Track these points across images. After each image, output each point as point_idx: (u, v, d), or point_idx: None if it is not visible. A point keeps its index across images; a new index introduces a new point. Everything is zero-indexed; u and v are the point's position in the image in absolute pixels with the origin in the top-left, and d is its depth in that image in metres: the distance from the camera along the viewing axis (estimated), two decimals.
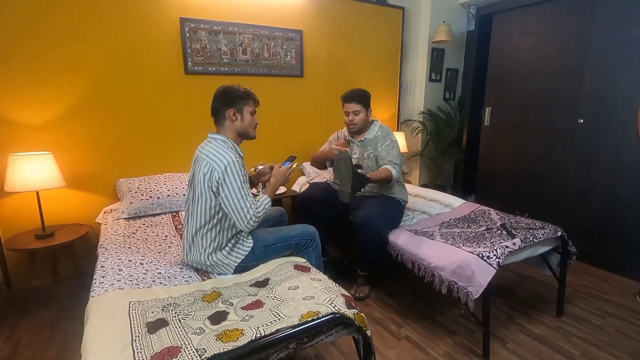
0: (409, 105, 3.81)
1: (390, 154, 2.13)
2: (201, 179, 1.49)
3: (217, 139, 1.57)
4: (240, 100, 1.58)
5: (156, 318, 1.18)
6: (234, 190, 1.46)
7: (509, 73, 3.06)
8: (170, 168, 2.56)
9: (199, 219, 1.53)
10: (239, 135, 1.62)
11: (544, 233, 1.79)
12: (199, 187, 1.51)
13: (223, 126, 1.59)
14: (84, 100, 2.25)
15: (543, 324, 1.90)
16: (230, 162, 1.46)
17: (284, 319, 1.14)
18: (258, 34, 2.73)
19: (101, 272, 1.49)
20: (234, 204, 1.47)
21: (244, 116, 1.59)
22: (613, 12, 2.37)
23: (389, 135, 2.19)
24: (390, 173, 2.05)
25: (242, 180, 1.48)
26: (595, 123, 2.51)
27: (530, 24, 2.87)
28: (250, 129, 1.63)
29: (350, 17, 3.14)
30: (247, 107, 1.60)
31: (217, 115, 1.59)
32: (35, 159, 1.98)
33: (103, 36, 2.24)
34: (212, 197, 1.50)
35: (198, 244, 1.54)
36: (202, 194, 1.50)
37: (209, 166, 1.47)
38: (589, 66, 2.52)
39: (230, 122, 1.58)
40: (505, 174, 3.17)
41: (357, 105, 2.14)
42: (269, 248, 1.63)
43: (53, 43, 2.11)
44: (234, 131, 1.60)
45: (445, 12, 3.60)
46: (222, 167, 1.45)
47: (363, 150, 2.23)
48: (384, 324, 1.91)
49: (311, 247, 1.75)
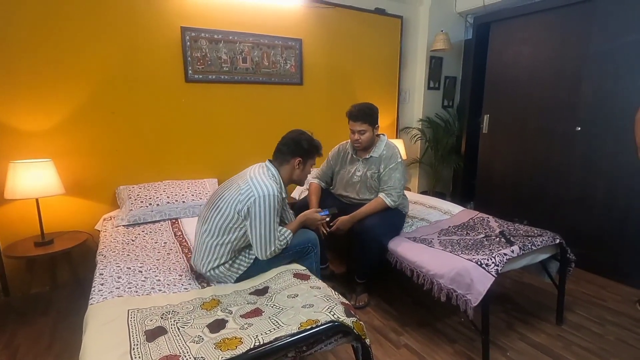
0: (408, 113, 3.83)
1: (392, 177, 2.08)
2: (234, 195, 1.51)
3: (271, 170, 1.61)
4: (310, 154, 1.67)
5: (155, 326, 1.18)
6: (264, 220, 1.49)
7: (506, 81, 3.09)
8: (170, 175, 2.56)
9: (214, 229, 1.52)
10: (290, 180, 1.69)
11: (542, 240, 1.80)
12: (228, 201, 1.51)
13: (282, 165, 1.65)
14: (84, 108, 2.26)
15: (543, 332, 1.89)
16: (270, 195, 1.49)
17: (283, 327, 1.14)
18: (258, 43, 2.76)
19: (100, 280, 1.50)
20: (260, 234, 1.50)
21: (305, 168, 1.69)
22: (610, 20, 2.40)
23: (394, 157, 2.11)
24: (384, 205, 2.05)
25: (274, 214, 1.51)
26: (594, 130, 2.53)
27: (527, 33, 2.91)
28: (303, 179, 1.73)
29: (350, 26, 3.18)
30: (311, 161, 1.70)
31: (280, 156, 1.65)
32: (35, 166, 1.99)
33: (104, 45, 2.26)
34: (235, 217, 1.50)
35: (203, 252, 1.54)
36: (227, 210, 1.50)
37: (248, 190, 1.49)
38: (586, 73, 2.55)
39: (291, 169, 1.66)
40: (504, 181, 3.18)
41: (364, 124, 2.05)
42: (273, 258, 1.62)
43: (55, 51, 2.14)
44: (289, 175, 1.67)
45: (443, 21, 3.64)
46: (260, 195, 1.48)
47: (367, 168, 2.16)
48: (384, 332, 1.90)
49: (312, 253, 1.76)
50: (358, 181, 2.19)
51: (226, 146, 2.77)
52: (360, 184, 2.19)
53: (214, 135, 2.72)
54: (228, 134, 2.77)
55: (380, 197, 2.08)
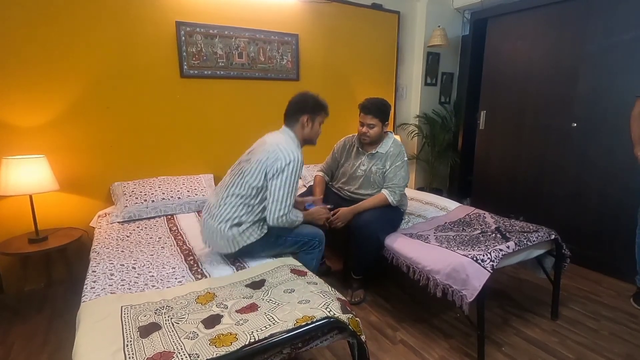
0: (405, 109, 3.83)
1: (397, 175, 2.09)
2: (262, 159, 1.59)
3: (289, 134, 1.71)
4: (316, 110, 1.73)
5: (149, 322, 1.17)
6: (286, 183, 1.57)
7: (503, 77, 3.09)
8: (165, 171, 2.55)
9: (240, 187, 1.62)
10: (304, 140, 1.76)
11: (537, 236, 1.80)
12: (255, 165, 1.60)
13: (292, 127, 1.73)
14: (79, 103, 2.24)
15: (538, 327, 1.90)
16: (296, 160, 1.59)
17: (279, 323, 1.13)
18: (254, 38, 2.74)
19: (92, 277, 1.48)
20: (278, 195, 1.57)
21: (314, 125, 1.75)
22: (606, 16, 2.40)
23: (401, 155, 2.13)
24: (386, 202, 2.07)
25: (295, 180, 1.60)
26: (590, 126, 2.54)
27: (524, 29, 2.90)
28: (315, 137, 1.79)
29: (346, 22, 3.16)
30: (319, 118, 1.76)
31: (290, 117, 1.74)
32: (28, 162, 1.97)
33: (98, 39, 2.23)
34: (262, 179, 1.59)
35: (224, 208, 1.62)
36: (255, 172, 1.60)
37: (276, 155, 1.58)
38: (582, 70, 2.55)
39: (301, 127, 1.73)
40: (501, 177, 3.19)
41: (374, 119, 2.06)
42: (280, 239, 1.68)
43: (49, 46, 2.11)
44: (301, 135, 1.74)
45: (440, 16, 3.63)
46: (287, 160, 1.57)
47: (372, 163, 2.16)
48: (380, 327, 1.91)
49: (317, 249, 1.78)
50: (362, 175, 2.18)
51: (222, 142, 2.76)
52: (363, 178, 2.18)
53: (209, 131, 2.70)
54: (224, 129, 2.75)
55: (383, 194, 2.08)
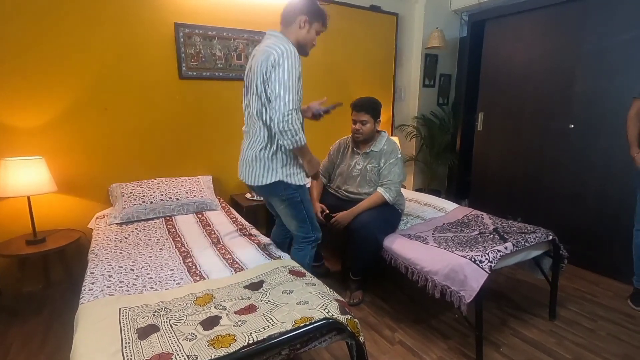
0: (403, 110, 3.84)
1: (392, 172, 2.12)
2: (258, 63, 1.51)
3: (277, 35, 1.58)
4: (315, 14, 1.63)
5: (147, 324, 1.17)
6: (285, 77, 1.45)
7: (501, 79, 3.10)
8: (164, 173, 2.54)
9: (258, 112, 1.58)
10: (297, 44, 1.62)
11: (535, 237, 1.81)
12: (257, 73, 1.52)
13: (288, 28, 1.62)
14: (77, 105, 2.24)
15: (536, 328, 1.91)
16: (289, 52, 1.47)
17: (277, 324, 1.13)
18: (253, 39, 2.74)
19: (90, 279, 1.48)
20: (278, 90, 1.45)
21: (310, 30, 1.64)
22: (602, 18, 2.42)
23: (395, 152, 2.16)
24: (383, 200, 2.08)
25: (295, 75, 1.47)
26: (587, 127, 2.55)
27: (521, 31, 2.91)
28: (309, 43, 1.68)
29: (345, 23, 3.17)
30: (316, 24, 1.65)
31: (286, 17, 1.62)
32: (26, 163, 1.97)
33: (98, 41, 2.23)
34: (263, 81, 1.51)
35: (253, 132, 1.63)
36: (259, 86, 1.53)
37: (266, 53, 1.48)
38: (579, 71, 2.56)
39: (297, 29, 1.61)
40: (499, 178, 3.20)
41: (366, 115, 2.12)
42: (297, 197, 1.68)
43: (47, 47, 2.10)
44: (295, 38, 1.61)
45: (438, 18, 3.64)
46: (279, 52, 1.46)
47: (367, 162, 2.19)
48: (378, 328, 1.91)
49: (309, 245, 1.78)
50: (358, 174, 2.20)
51: (220, 142, 2.76)
52: (360, 177, 2.20)
53: (208, 132, 2.71)
54: (222, 130, 2.75)
55: (379, 192, 2.10)
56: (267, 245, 1.83)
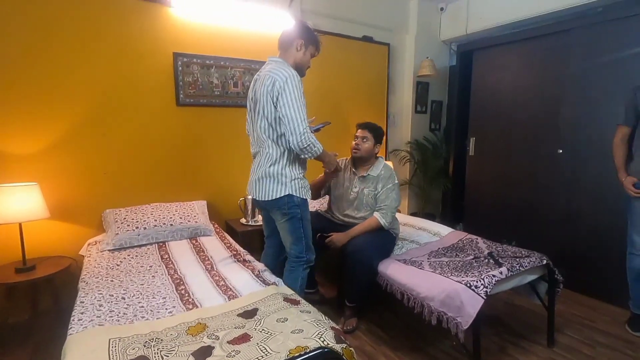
0: (397, 136, 3.91)
1: (389, 197, 2.15)
2: (264, 90, 1.64)
3: (277, 61, 1.74)
4: (310, 39, 1.78)
5: (137, 355, 1.13)
6: (292, 100, 1.60)
7: (490, 105, 3.20)
8: (158, 198, 2.53)
9: (265, 132, 1.72)
10: (295, 65, 1.76)
11: (529, 261, 1.81)
12: (264, 98, 1.65)
13: (286, 52, 1.77)
14: (74, 131, 2.25)
15: (535, 355, 1.88)
16: (292, 76, 1.61)
17: (272, 354, 1.11)
18: (249, 68, 2.82)
19: (80, 309, 1.44)
20: (290, 114, 1.60)
21: (306, 52, 1.79)
22: (585, 49, 2.53)
23: (392, 178, 2.20)
24: (379, 224, 2.10)
25: (300, 95, 1.62)
26: (575, 152, 2.61)
27: (508, 60, 3.04)
28: (305, 65, 1.83)
29: (338, 52, 3.28)
30: (311, 47, 1.80)
31: (284, 42, 1.78)
32: (19, 190, 1.95)
33: (97, 69, 2.28)
34: (272, 105, 1.64)
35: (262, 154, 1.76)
36: (266, 108, 1.66)
37: (271, 79, 1.62)
38: (565, 99, 2.66)
39: (295, 51, 1.76)
40: (492, 202, 3.23)
41: (368, 133, 2.20)
42: (299, 214, 1.75)
43: (46, 74, 2.14)
44: (293, 60, 1.76)
45: (428, 48, 3.79)
46: (283, 78, 1.60)
47: (364, 186, 2.21)
48: (375, 357, 1.86)
49: (301, 266, 1.79)
50: (355, 198, 2.23)
51: (216, 169, 2.77)
52: (357, 201, 2.22)
53: (203, 157, 2.73)
54: (218, 156, 2.77)
55: (375, 217, 2.11)
56: (262, 271, 1.81)
